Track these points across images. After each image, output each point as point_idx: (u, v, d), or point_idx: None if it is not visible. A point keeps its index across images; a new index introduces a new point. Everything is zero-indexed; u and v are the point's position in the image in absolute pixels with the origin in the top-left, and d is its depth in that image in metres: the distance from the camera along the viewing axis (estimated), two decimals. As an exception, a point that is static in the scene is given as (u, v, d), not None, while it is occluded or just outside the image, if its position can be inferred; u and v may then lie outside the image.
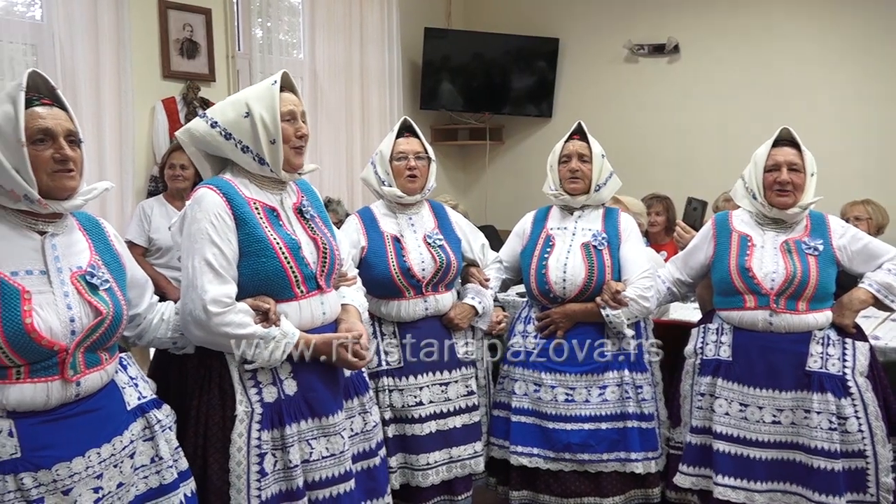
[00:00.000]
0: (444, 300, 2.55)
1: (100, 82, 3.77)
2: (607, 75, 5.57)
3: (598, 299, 2.54)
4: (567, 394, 2.56)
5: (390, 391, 2.45)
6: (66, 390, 1.51)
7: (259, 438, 1.83)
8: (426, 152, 2.56)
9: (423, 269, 2.48)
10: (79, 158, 1.56)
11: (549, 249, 2.64)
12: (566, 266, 2.58)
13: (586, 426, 2.54)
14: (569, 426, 2.55)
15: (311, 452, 1.91)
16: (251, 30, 4.53)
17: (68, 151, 1.53)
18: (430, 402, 2.48)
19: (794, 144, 2.40)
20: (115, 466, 1.58)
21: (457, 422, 2.53)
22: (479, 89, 5.71)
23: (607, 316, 2.51)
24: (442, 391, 2.51)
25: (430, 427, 2.47)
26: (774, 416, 2.34)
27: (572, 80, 5.69)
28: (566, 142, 2.66)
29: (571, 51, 5.66)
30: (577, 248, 2.60)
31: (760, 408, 2.35)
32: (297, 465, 1.86)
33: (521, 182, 5.58)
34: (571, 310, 2.58)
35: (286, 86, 1.94)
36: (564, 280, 2.57)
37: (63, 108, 1.57)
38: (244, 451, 1.81)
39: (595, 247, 2.59)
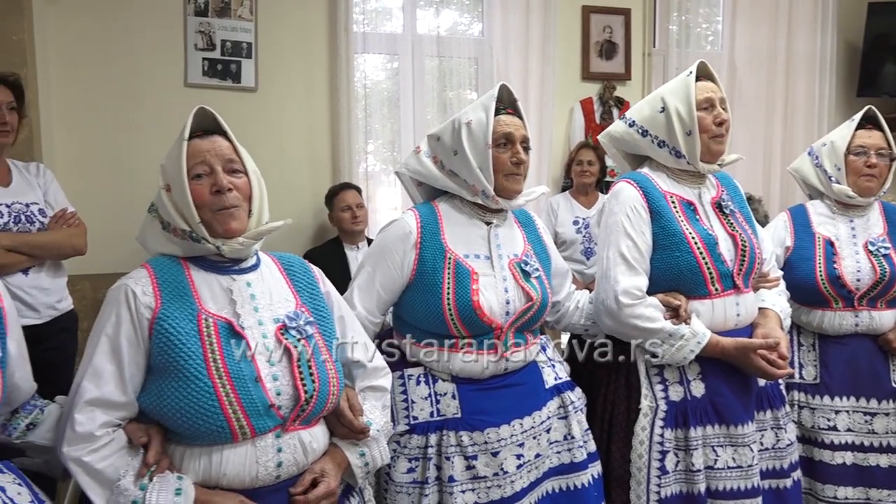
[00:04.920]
0: (881, 318, 2.23)
1: (527, 88, 4.19)
2: None
3: None
4: None
5: (800, 408, 2.26)
6: (498, 364, 1.73)
7: (662, 436, 1.85)
8: (890, 149, 2.27)
9: (858, 280, 2.21)
10: (527, 163, 1.78)
11: None
12: None
13: None
14: None
15: (715, 460, 1.86)
16: (667, 26, 4.53)
17: (522, 156, 1.76)
18: (848, 429, 2.21)
19: None
20: (534, 438, 1.76)
21: (881, 460, 2.20)
22: (937, 69, 4.78)
23: None
24: (866, 421, 2.21)
25: (845, 458, 2.20)
26: None
27: None
28: None
29: None
30: None
31: None
32: (700, 470, 1.83)
33: None
34: None
35: (703, 75, 1.93)
36: None
37: (521, 117, 1.79)
38: (646, 445, 1.84)
39: None
